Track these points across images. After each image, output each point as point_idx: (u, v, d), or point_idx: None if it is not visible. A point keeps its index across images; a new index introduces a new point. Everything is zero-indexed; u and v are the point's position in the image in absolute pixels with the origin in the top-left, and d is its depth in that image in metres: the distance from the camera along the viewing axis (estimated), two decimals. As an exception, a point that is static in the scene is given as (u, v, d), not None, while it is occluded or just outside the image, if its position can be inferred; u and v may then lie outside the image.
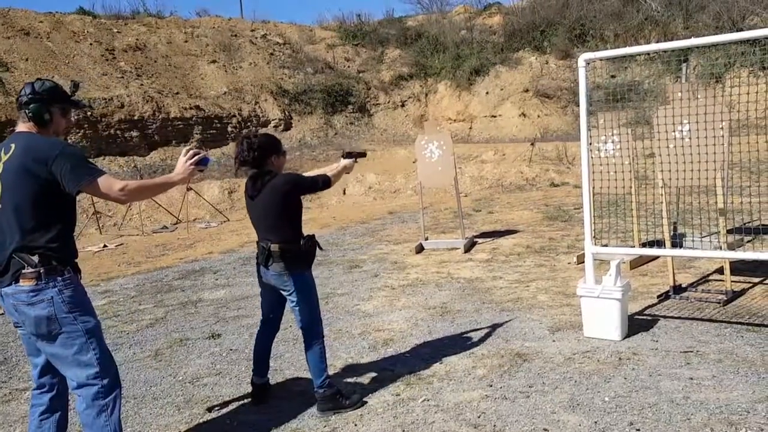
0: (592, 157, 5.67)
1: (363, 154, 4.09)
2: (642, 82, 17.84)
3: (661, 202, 5.58)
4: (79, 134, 15.44)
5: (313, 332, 3.63)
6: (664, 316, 4.77)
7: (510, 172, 14.64)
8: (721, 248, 5.29)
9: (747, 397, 3.35)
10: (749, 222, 7.41)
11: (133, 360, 4.71)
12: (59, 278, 2.67)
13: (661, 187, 5.50)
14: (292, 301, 3.57)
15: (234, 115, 18.79)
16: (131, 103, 16.80)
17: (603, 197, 7.32)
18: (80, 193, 2.72)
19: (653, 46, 5.37)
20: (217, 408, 3.79)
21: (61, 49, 18.04)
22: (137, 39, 20.02)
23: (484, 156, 16.11)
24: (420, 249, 7.93)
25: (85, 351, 2.72)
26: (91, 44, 18.78)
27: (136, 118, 16.64)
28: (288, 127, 20.09)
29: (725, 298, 4.99)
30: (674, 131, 5.26)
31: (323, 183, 3.65)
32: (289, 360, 4.50)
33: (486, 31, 23.87)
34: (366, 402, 3.65)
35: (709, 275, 5.80)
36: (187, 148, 2.98)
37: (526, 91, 20.60)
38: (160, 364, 4.58)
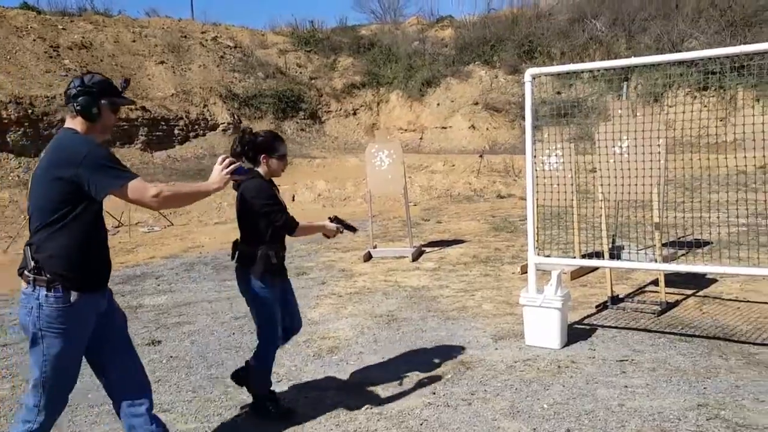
0: (536, 170, 5.81)
1: (353, 229, 3.78)
2: (586, 99, 18.41)
3: (601, 216, 5.76)
4: (20, 132, 14.85)
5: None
6: (602, 326, 4.92)
7: (459, 182, 14.84)
8: (656, 261, 5.49)
9: (678, 405, 3.48)
10: (684, 236, 7.73)
11: (67, 367, 4.54)
12: (44, 292, 2.50)
13: (601, 201, 5.68)
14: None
15: (181, 118, 18.43)
16: (74, 102, 16.25)
17: (547, 209, 7.52)
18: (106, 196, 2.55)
19: (596, 64, 5.56)
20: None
21: (2, 44, 17.33)
22: (83, 37, 19.44)
23: (434, 166, 16.29)
24: (368, 257, 7.94)
25: (34, 372, 2.56)
26: (34, 41, 18.12)
27: (78, 117, 16.10)
28: (237, 131, 19.81)
29: (660, 309, 5.18)
30: (614, 147, 5.44)
31: (286, 224, 3.38)
32: (232, 368, 4.42)
33: (438, 43, 24.22)
34: (294, 412, 3.61)
35: (645, 286, 6.01)
36: (223, 156, 2.81)
37: (476, 103, 20.97)
38: (96, 372, 4.43)
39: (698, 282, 6.02)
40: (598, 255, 6.61)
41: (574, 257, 6.68)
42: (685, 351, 4.30)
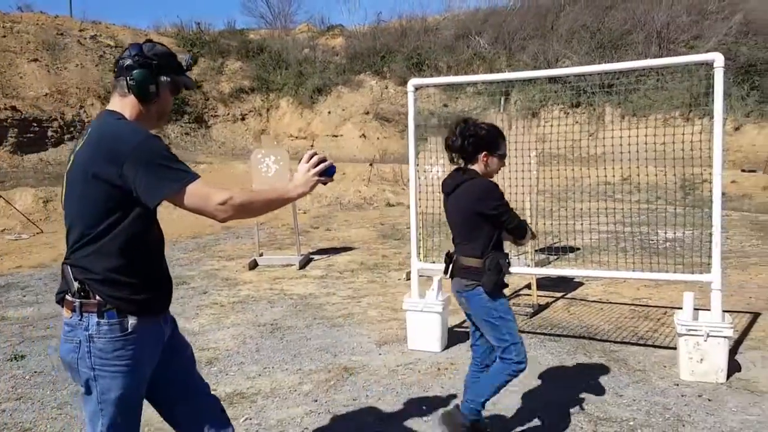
0: (419, 179, 5.97)
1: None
2: (470, 112, 19.17)
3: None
4: None
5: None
6: (480, 329, 5.12)
7: (349, 190, 14.93)
8: (529, 266, 5.81)
9: (546, 401, 3.69)
10: (555, 242, 8.24)
11: None
12: (95, 320, 1.96)
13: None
14: (478, 325, 3.06)
15: (55, 119, 17.22)
16: (-74, 98, 14.75)
17: (433, 217, 7.74)
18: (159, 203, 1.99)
19: (474, 77, 5.81)
20: None
21: None
22: (-60, 27, 17.69)
23: (324, 174, 16.29)
24: (253, 265, 7.79)
25: (95, 422, 2.03)
26: None
27: (-68, 114, 14.63)
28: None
29: (532, 311, 5.48)
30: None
31: (519, 228, 2.97)
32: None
33: (329, 51, 24.27)
34: None
35: (520, 290, 6.34)
36: (310, 153, 2.15)
37: (367, 113, 21.22)
38: (-56, 394, 4.02)
39: (567, 285, 6.43)
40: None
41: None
42: (554, 350, 4.57)
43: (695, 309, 3.96)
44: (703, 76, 16.92)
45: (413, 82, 4.71)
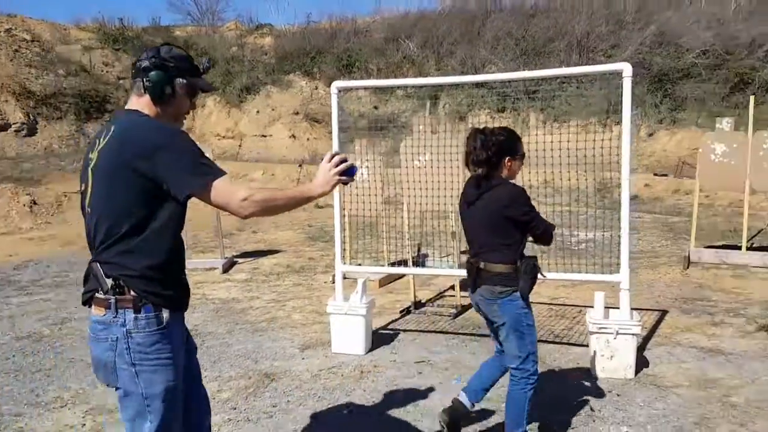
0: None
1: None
2: (400, 114, 19.35)
3: (407, 226, 6.07)
4: None
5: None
6: (404, 330, 5.17)
7: (277, 192, 14.75)
8: (453, 267, 5.91)
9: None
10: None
11: None
12: (132, 315, 1.99)
13: (405, 211, 5.99)
14: (501, 334, 3.01)
15: (-38, 115, 16.18)
16: None
17: (359, 219, 7.75)
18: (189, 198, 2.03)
19: (397, 81, 5.86)
20: None
21: None
22: None
23: (253, 175, 16.02)
24: (176, 269, 7.55)
25: (141, 422, 2.04)
26: None
27: None
28: (32, 132, 17.92)
29: (455, 312, 5.57)
30: (415, 161, 5.77)
31: (547, 233, 2.99)
32: (9, 394, 3.93)
33: (257, 50, 23.91)
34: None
35: (445, 291, 6.43)
36: (332, 153, 2.23)
37: (297, 113, 21.04)
38: None
39: (491, 286, 6.56)
40: (405, 263, 6.95)
41: (384, 265, 6.96)
42: (474, 350, 4.66)
43: (606, 307, 4.13)
44: (619, 85, 17.73)
45: (337, 84, 4.70)
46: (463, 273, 5.86)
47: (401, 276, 6.94)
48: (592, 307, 4.15)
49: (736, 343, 4.72)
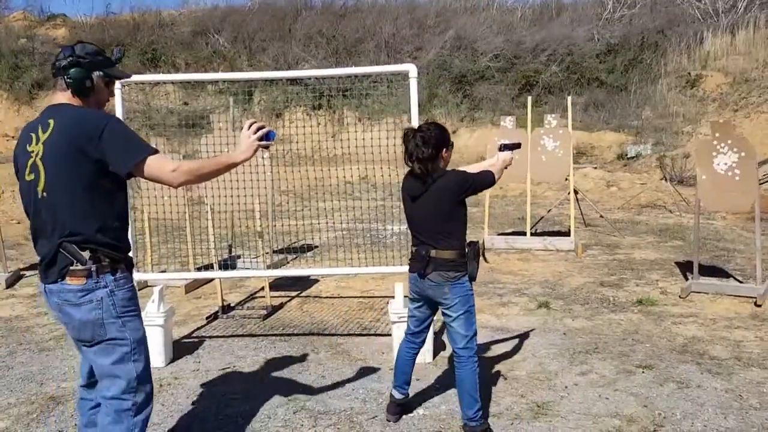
0: (147, 183, 5.60)
1: (518, 145, 3.52)
2: (212, 110, 18.67)
3: (215, 227, 5.85)
4: None
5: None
6: (210, 337, 4.98)
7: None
8: (262, 268, 5.82)
9: (270, 404, 3.69)
10: (295, 242, 8.42)
11: None
12: (111, 277, 2.36)
13: (209, 212, 5.77)
14: (450, 315, 3.19)
15: None
16: None
17: (164, 223, 7.34)
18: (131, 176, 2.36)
19: (185, 76, 5.62)
20: None
21: None
22: None
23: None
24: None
25: (126, 361, 2.41)
26: None
27: None
28: None
29: (266, 313, 5.50)
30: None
31: (490, 181, 3.24)
32: None
33: (50, 42, 21.60)
34: None
35: (256, 293, 6.32)
36: (250, 121, 2.51)
37: (96, 110, 19.41)
38: None
39: (303, 284, 6.58)
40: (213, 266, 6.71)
41: (190, 270, 6.66)
42: (283, 351, 4.63)
43: (406, 297, 4.33)
44: (425, 85, 18.79)
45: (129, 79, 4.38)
46: (271, 273, 5.85)
47: (210, 280, 6.70)
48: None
49: (520, 320, 5.22)
